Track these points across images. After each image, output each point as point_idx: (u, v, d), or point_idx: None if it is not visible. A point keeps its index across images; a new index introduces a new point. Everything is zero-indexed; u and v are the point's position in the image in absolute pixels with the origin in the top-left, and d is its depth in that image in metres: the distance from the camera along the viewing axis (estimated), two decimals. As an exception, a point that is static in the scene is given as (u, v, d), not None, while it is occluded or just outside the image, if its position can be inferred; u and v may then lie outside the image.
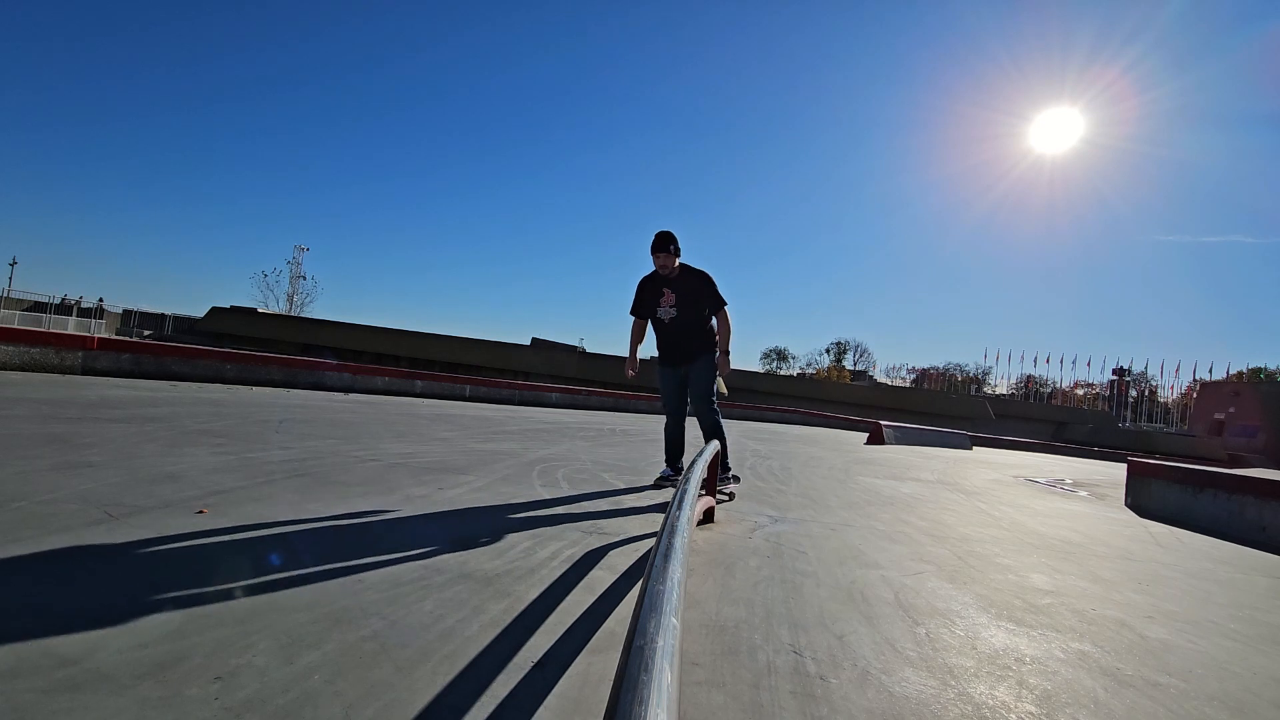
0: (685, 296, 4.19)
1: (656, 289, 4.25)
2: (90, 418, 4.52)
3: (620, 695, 0.59)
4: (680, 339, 4.25)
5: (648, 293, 4.31)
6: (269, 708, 1.18)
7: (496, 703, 1.28)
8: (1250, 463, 38.03)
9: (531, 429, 7.78)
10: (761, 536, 3.10)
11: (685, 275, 4.21)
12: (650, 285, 4.30)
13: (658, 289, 4.24)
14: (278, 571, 1.86)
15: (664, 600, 0.80)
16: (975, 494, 6.19)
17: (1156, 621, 2.37)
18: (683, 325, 4.22)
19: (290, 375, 10.84)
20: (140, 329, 41.61)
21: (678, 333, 4.24)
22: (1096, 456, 27.57)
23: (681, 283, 4.19)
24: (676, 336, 4.26)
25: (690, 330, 4.22)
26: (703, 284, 4.17)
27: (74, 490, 2.49)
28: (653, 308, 4.28)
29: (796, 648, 1.73)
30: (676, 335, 4.25)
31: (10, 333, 7.89)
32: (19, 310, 39.37)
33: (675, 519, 1.27)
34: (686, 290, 4.19)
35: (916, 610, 2.18)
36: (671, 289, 4.20)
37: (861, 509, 4.37)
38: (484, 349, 31.53)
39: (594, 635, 1.67)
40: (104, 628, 1.41)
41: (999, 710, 1.49)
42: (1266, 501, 5.19)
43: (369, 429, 5.85)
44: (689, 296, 4.19)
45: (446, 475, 3.80)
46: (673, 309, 4.21)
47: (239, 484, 2.91)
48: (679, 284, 4.19)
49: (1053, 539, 4.00)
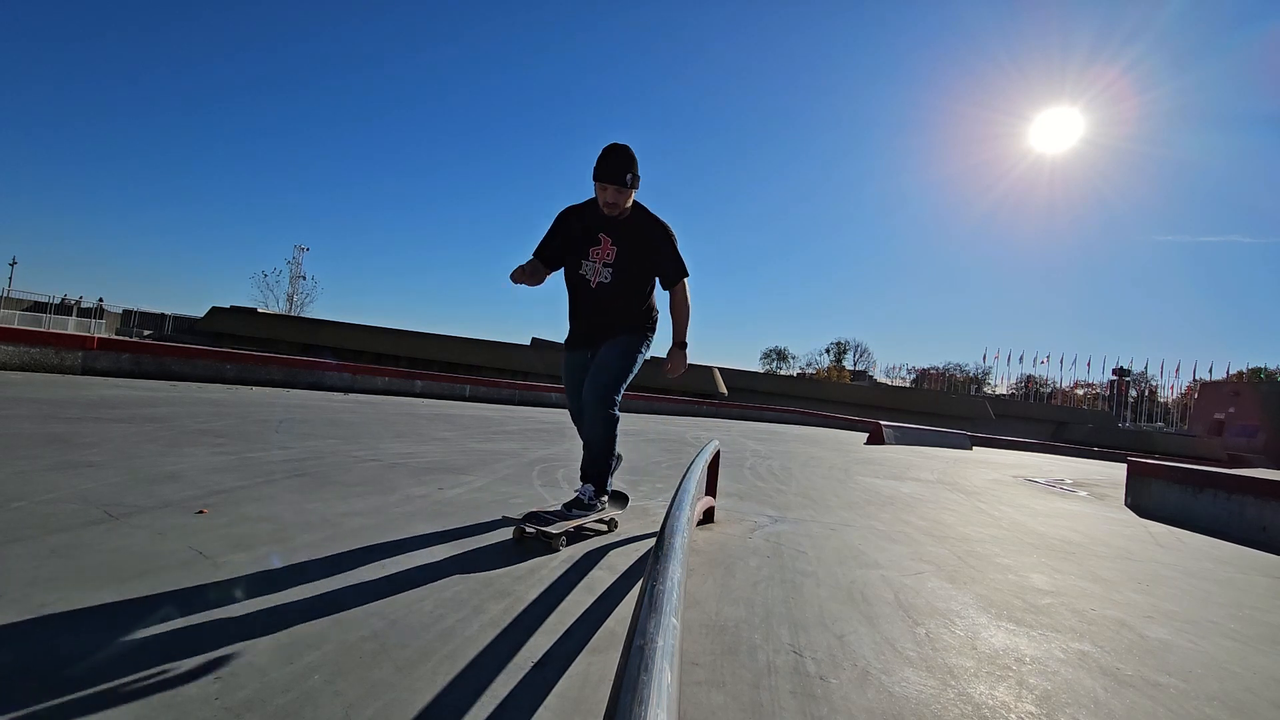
0: (632, 253, 2.83)
1: (590, 233, 2.83)
2: (90, 418, 4.52)
3: (620, 695, 0.59)
4: (608, 315, 2.90)
5: (575, 235, 2.86)
6: (269, 708, 1.18)
7: (496, 703, 1.28)
8: (1250, 463, 38.03)
9: (531, 429, 7.78)
10: (761, 536, 3.09)
11: (638, 223, 2.84)
12: (580, 225, 2.85)
13: (592, 234, 2.83)
14: (277, 571, 1.86)
15: (664, 600, 0.80)
16: (975, 494, 6.19)
17: (1156, 621, 2.37)
18: (617, 295, 2.86)
19: (290, 375, 10.84)
20: (140, 329, 41.61)
21: (608, 305, 2.88)
22: (1096, 456, 27.57)
23: (631, 232, 2.83)
24: (604, 311, 2.90)
25: (626, 303, 2.90)
26: (662, 240, 2.85)
27: (74, 490, 2.49)
28: (577, 260, 2.87)
29: (796, 648, 1.73)
30: (604, 308, 2.89)
31: (10, 333, 7.89)
32: (19, 310, 39.34)
33: (675, 519, 1.27)
34: (636, 244, 2.83)
35: (916, 610, 2.18)
36: (614, 238, 2.82)
37: (861, 509, 4.37)
38: (484, 349, 31.53)
39: (594, 635, 1.67)
40: (104, 628, 1.41)
41: (999, 710, 1.49)
42: (1266, 501, 5.19)
43: (369, 429, 5.85)
44: (637, 254, 2.84)
45: (446, 475, 3.80)
46: (608, 269, 2.83)
47: (239, 484, 2.91)
48: (627, 233, 2.82)
49: (1053, 539, 3.99)
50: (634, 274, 2.86)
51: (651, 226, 2.85)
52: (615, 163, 2.69)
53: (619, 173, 2.68)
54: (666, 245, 2.86)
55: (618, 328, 2.90)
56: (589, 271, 2.85)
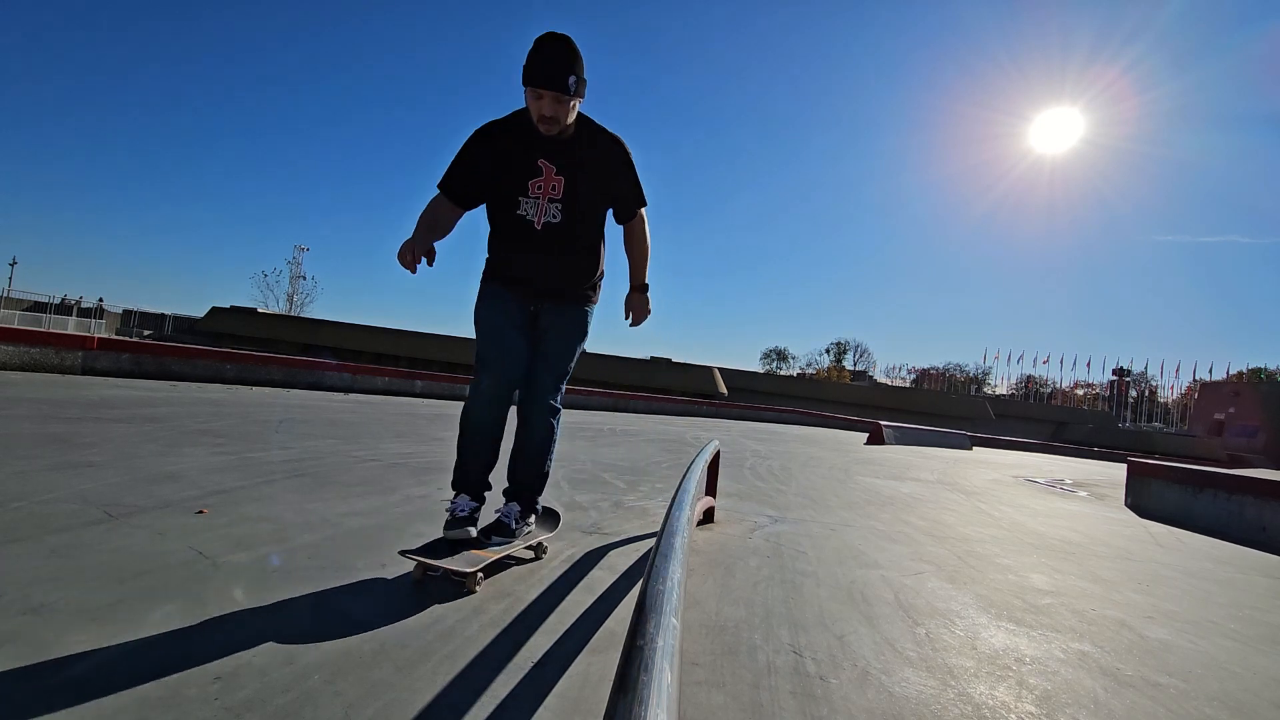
0: (586, 185, 2.16)
1: (528, 158, 2.11)
2: (90, 418, 4.52)
3: (620, 695, 0.59)
4: (556, 262, 2.21)
5: (500, 160, 2.12)
6: (269, 708, 1.18)
7: (496, 703, 1.28)
8: (1250, 463, 38.04)
9: (531, 429, 7.76)
10: (761, 536, 3.09)
11: (589, 143, 2.16)
12: (510, 147, 2.11)
13: (529, 159, 2.10)
14: (277, 571, 1.86)
15: (664, 600, 0.80)
16: (975, 494, 6.19)
17: (1156, 621, 2.37)
18: (571, 241, 2.19)
19: (290, 375, 10.84)
20: (140, 329, 41.61)
21: (559, 256, 2.20)
22: (1096, 456, 27.57)
23: (582, 157, 2.14)
24: (550, 255, 2.19)
25: (580, 254, 2.25)
26: (622, 165, 2.20)
27: (74, 490, 2.49)
28: (511, 197, 2.13)
29: (796, 648, 1.73)
30: (551, 253, 2.18)
31: (10, 333, 7.89)
32: (19, 310, 39.33)
33: (675, 519, 1.27)
34: (590, 173, 2.16)
35: (916, 610, 2.18)
36: (559, 165, 2.11)
37: (861, 509, 4.37)
38: (484, 349, 31.51)
39: (594, 635, 1.67)
40: (104, 628, 1.41)
41: (999, 710, 1.49)
42: (1266, 501, 5.19)
43: (369, 429, 5.85)
44: (592, 186, 2.17)
45: (446, 475, 3.78)
46: (556, 206, 2.13)
47: (239, 484, 2.91)
48: (576, 158, 2.13)
49: (1052, 539, 4.00)
50: (590, 212, 2.21)
51: (608, 147, 2.18)
52: (553, 60, 1.94)
53: (559, 74, 1.94)
54: (628, 171, 2.22)
55: (568, 293, 2.27)
56: (530, 211, 2.12)
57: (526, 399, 2.28)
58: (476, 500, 2.21)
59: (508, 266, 2.23)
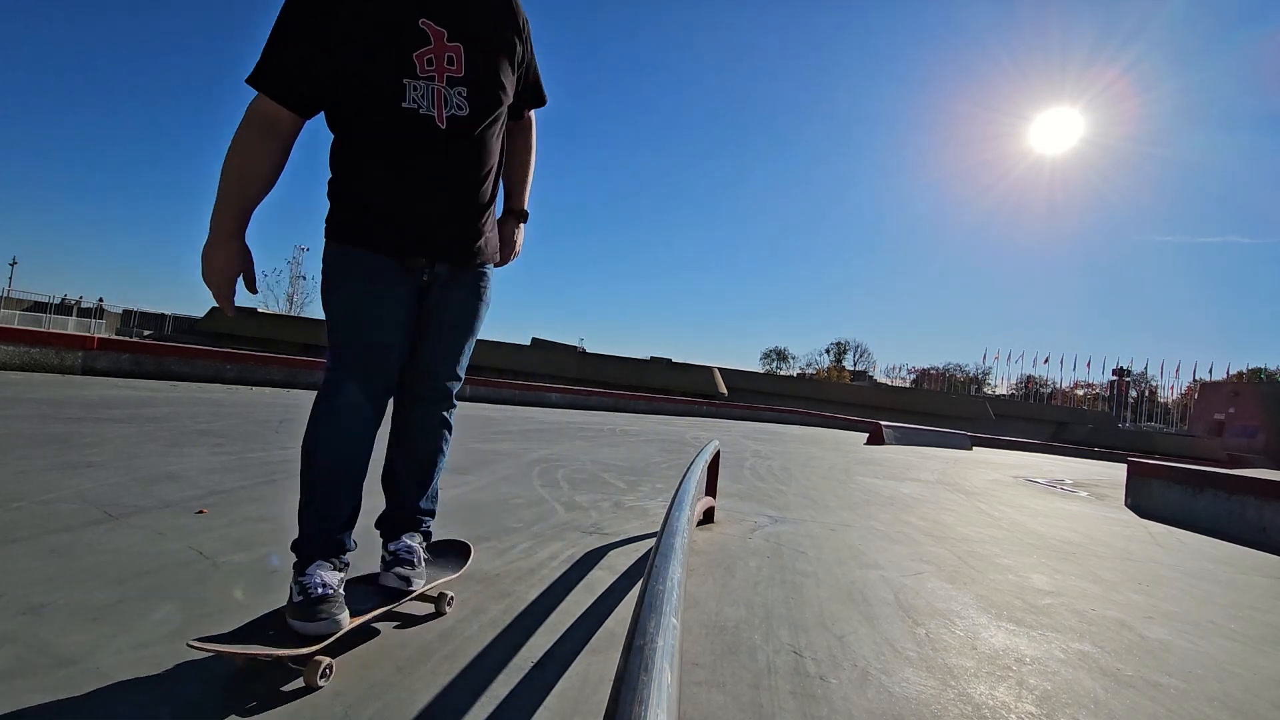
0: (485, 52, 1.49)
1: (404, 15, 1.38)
2: (90, 418, 4.52)
3: (620, 695, 0.59)
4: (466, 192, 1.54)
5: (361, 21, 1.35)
6: (269, 707, 1.18)
7: (496, 703, 1.28)
8: (1250, 463, 38.04)
9: (531, 429, 7.78)
10: (761, 537, 3.09)
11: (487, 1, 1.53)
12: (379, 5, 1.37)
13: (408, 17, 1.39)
14: (277, 571, 1.86)
15: (664, 600, 0.80)
16: (975, 494, 6.19)
17: (1156, 622, 2.37)
18: (479, 145, 1.52)
19: (290, 375, 10.85)
20: (140, 329, 41.64)
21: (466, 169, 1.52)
22: (1096, 457, 27.57)
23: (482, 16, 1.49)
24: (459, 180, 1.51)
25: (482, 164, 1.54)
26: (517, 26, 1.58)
27: (74, 490, 2.49)
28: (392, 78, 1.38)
29: (796, 648, 1.73)
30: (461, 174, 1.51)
31: (10, 333, 7.89)
32: (19, 310, 39.37)
33: (675, 519, 1.27)
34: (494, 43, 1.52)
35: (916, 610, 2.18)
36: (452, 29, 1.43)
37: (861, 509, 4.37)
38: (484, 349, 31.54)
39: (594, 635, 1.67)
40: (104, 628, 1.41)
41: (999, 710, 1.49)
42: (1266, 502, 5.19)
43: (369, 429, 5.84)
44: (494, 60, 1.52)
45: (446, 475, 3.79)
46: (460, 92, 1.45)
47: (239, 484, 2.91)
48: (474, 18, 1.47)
49: (1053, 539, 3.99)
50: (498, 100, 1.55)
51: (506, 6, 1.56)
52: None
53: None
54: (527, 42, 1.63)
55: (472, 229, 1.57)
56: (423, 99, 1.41)
57: (416, 395, 1.67)
58: (342, 566, 1.48)
59: (391, 203, 1.45)
